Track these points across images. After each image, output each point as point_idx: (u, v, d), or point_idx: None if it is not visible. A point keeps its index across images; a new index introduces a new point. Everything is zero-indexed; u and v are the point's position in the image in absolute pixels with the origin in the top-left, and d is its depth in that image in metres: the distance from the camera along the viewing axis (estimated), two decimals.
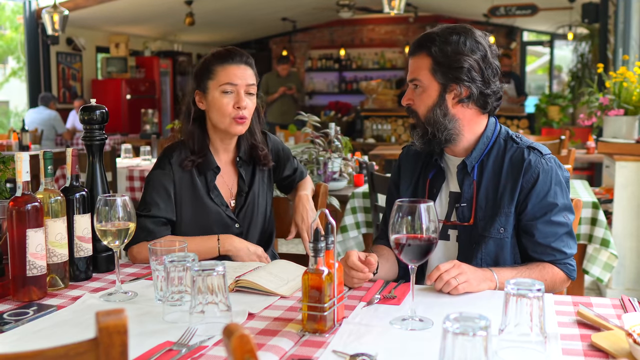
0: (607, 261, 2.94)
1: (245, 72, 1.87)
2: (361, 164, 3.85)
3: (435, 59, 1.65)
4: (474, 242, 1.69)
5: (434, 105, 1.67)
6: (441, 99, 1.67)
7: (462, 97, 1.66)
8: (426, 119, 1.68)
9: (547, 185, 1.65)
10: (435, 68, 1.65)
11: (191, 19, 9.03)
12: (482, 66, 1.65)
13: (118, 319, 0.76)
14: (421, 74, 1.67)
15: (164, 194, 1.87)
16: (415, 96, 1.70)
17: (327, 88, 13.31)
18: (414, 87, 1.70)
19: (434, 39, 1.66)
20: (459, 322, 0.87)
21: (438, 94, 1.66)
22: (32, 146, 6.70)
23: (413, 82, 1.70)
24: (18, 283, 1.48)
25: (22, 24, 9.73)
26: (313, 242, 1.26)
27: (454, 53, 1.64)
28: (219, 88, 1.84)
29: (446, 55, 1.64)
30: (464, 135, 1.70)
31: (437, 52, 1.64)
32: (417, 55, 1.69)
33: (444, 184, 1.76)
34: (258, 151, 1.98)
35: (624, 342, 1.16)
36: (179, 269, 1.38)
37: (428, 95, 1.67)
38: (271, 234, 2.05)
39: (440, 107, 1.67)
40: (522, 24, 11.50)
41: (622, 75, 4.07)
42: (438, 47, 1.64)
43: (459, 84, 1.65)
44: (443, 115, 1.67)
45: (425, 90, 1.67)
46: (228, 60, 1.86)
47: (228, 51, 1.89)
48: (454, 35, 1.65)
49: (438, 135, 1.67)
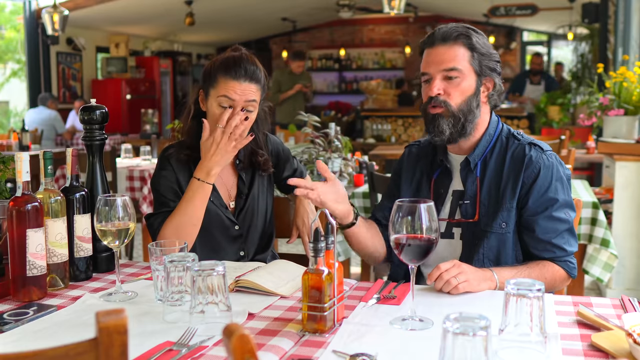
0: (607, 261, 2.94)
1: (247, 89, 1.80)
2: (361, 164, 3.85)
3: (476, 49, 1.68)
4: (476, 238, 1.70)
5: (471, 96, 1.68)
6: (477, 89, 1.69)
7: (489, 92, 1.72)
8: (461, 108, 1.67)
9: (548, 181, 1.66)
10: (475, 59, 1.68)
11: (191, 19, 9.03)
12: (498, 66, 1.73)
13: (118, 319, 0.76)
14: (461, 64, 1.67)
15: (172, 193, 1.86)
16: (451, 86, 1.68)
17: (327, 88, 13.32)
18: (447, 77, 1.67)
19: (468, 31, 1.69)
20: (459, 322, 0.87)
21: (476, 85, 1.69)
22: (32, 146, 6.70)
23: (450, 71, 1.66)
24: (18, 283, 1.48)
25: (22, 24, 9.73)
26: (313, 242, 1.26)
27: (487, 47, 1.70)
28: (217, 99, 1.80)
29: (485, 47, 1.69)
30: (475, 130, 1.72)
31: (477, 44, 1.68)
32: (451, 46, 1.68)
33: (450, 183, 1.77)
34: (258, 157, 1.96)
35: (624, 342, 1.16)
36: (179, 269, 1.38)
37: (468, 85, 1.68)
38: (271, 236, 2.05)
39: (476, 97, 1.69)
40: (522, 24, 11.51)
41: (622, 75, 4.07)
42: (475, 40, 1.68)
43: (492, 77, 1.70)
44: (477, 105, 1.69)
45: (464, 79, 1.67)
46: (231, 74, 1.79)
47: (236, 63, 1.81)
48: (478, 32, 1.71)
49: (467, 126, 1.69)
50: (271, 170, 2.00)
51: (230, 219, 1.92)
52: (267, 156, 1.98)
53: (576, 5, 8.58)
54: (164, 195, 1.86)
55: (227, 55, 1.85)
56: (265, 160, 1.97)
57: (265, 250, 2.01)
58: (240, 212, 1.94)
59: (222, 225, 1.91)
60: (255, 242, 1.97)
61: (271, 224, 2.04)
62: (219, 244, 1.91)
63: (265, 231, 2.01)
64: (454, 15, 11.86)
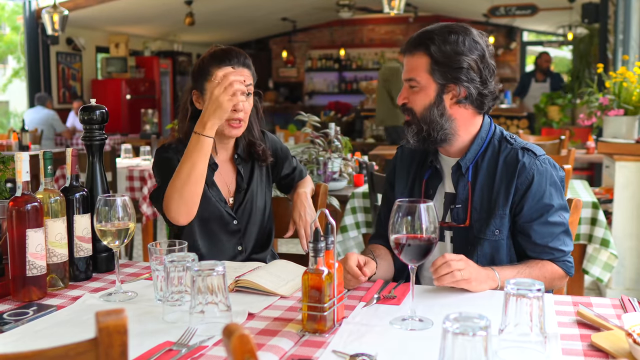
0: (607, 261, 2.94)
1: (241, 74, 1.85)
2: (361, 164, 3.85)
3: (434, 58, 1.62)
4: (469, 244, 1.68)
5: (431, 105, 1.65)
6: (439, 99, 1.65)
7: (460, 98, 1.65)
8: (422, 117, 1.66)
9: (543, 187, 1.64)
10: (434, 68, 1.63)
11: (191, 19, 9.03)
12: (480, 66, 1.63)
13: (118, 319, 0.76)
14: (419, 74, 1.65)
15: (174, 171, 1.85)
16: (412, 95, 1.67)
17: (327, 88, 13.31)
18: (410, 86, 1.67)
19: (432, 37, 1.63)
20: (459, 322, 0.87)
21: (436, 94, 1.64)
22: (32, 146, 6.70)
23: (410, 81, 1.67)
24: (18, 283, 1.48)
25: (22, 24, 9.73)
26: (313, 242, 1.26)
27: (453, 53, 1.61)
28: None
29: (445, 55, 1.61)
30: (459, 136, 1.69)
31: (437, 52, 1.62)
32: (414, 54, 1.66)
33: (439, 185, 1.76)
34: (256, 147, 1.99)
35: (624, 342, 1.16)
36: (179, 269, 1.38)
37: (425, 95, 1.65)
38: (270, 233, 2.05)
39: (438, 107, 1.65)
40: (522, 24, 11.51)
41: (622, 75, 4.07)
42: (437, 46, 1.62)
43: (458, 84, 1.63)
44: (440, 115, 1.65)
45: (423, 89, 1.65)
46: (225, 62, 1.85)
47: (225, 52, 1.87)
48: (453, 35, 1.62)
49: (433, 134, 1.66)
50: (270, 159, 2.01)
51: (229, 214, 1.94)
52: (264, 146, 2.00)
53: (576, 5, 8.58)
54: (167, 173, 1.83)
55: (213, 50, 1.90)
56: (263, 150, 2.00)
57: (264, 248, 2.02)
58: (239, 207, 1.95)
59: (221, 220, 1.92)
60: (253, 237, 1.98)
61: (270, 220, 2.05)
62: (218, 238, 1.93)
63: (263, 227, 2.01)
64: (454, 15, 11.85)
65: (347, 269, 1.51)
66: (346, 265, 1.51)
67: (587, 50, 8.54)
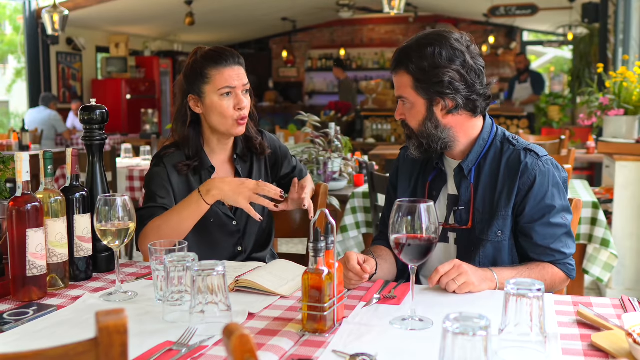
0: (607, 261, 2.94)
1: (239, 72, 1.86)
2: (361, 164, 3.85)
3: (415, 76, 1.63)
4: (472, 246, 1.69)
5: (424, 120, 1.66)
6: (430, 112, 1.66)
7: (449, 108, 1.65)
8: (419, 132, 1.68)
9: (545, 188, 1.64)
10: (417, 85, 1.64)
11: (191, 19, 9.03)
12: (463, 73, 1.62)
13: (118, 319, 0.76)
14: (405, 92, 1.66)
15: (163, 190, 1.87)
16: (406, 112, 1.70)
17: (327, 88, 13.31)
18: (402, 102, 1.70)
19: (410, 55, 1.63)
20: (459, 322, 0.88)
21: (426, 109, 1.66)
22: (32, 146, 6.70)
23: (401, 99, 1.69)
24: (18, 283, 1.48)
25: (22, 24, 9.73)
26: (313, 242, 1.26)
27: (431, 68, 1.60)
28: (217, 92, 1.83)
29: (424, 72, 1.61)
30: (459, 141, 1.70)
31: (415, 70, 1.62)
32: (397, 73, 1.68)
33: (443, 187, 1.76)
34: (253, 141, 2.00)
35: (624, 342, 1.16)
36: (179, 269, 1.38)
37: (417, 111, 1.67)
38: (270, 233, 2.05)
39: (431, 120, 1.66)
40: (522, 24, 11.51)
41: (622, 75, 4.07)
42: (415, 65, 1.62)
43: (443, 97, 1.63)
44: (435, 127, 1.66)
45: (413, 106, 1.67)
46: (222, 63, 1.84)
47: (219, 53, 1.86)
48: (429, 48, 1.61)
49: (433, 145, 1.68)
50: (268, 151, 2.03)
51: (227, 215, 1.94)
52: (260, 139, 2.01)
53: (576, 5, 8.59)
54: (155, 191, 1.87)
55: (205, 51, 1.89)
56: (260, 143, 2.01)
57: (264, 247, 2.02)
58: (238, 208, 1.95)
59: (220, 221, 1.92)
60: (253, 237, 1.98)
61: (269, 220, 2.05)
62: (216, 239, 1.93)
63: (263, 227, 2.02)
64: (454, 15, 11.86)
65: (350, 268, 1.51)
66: (348, 264, 1.52)
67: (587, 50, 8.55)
